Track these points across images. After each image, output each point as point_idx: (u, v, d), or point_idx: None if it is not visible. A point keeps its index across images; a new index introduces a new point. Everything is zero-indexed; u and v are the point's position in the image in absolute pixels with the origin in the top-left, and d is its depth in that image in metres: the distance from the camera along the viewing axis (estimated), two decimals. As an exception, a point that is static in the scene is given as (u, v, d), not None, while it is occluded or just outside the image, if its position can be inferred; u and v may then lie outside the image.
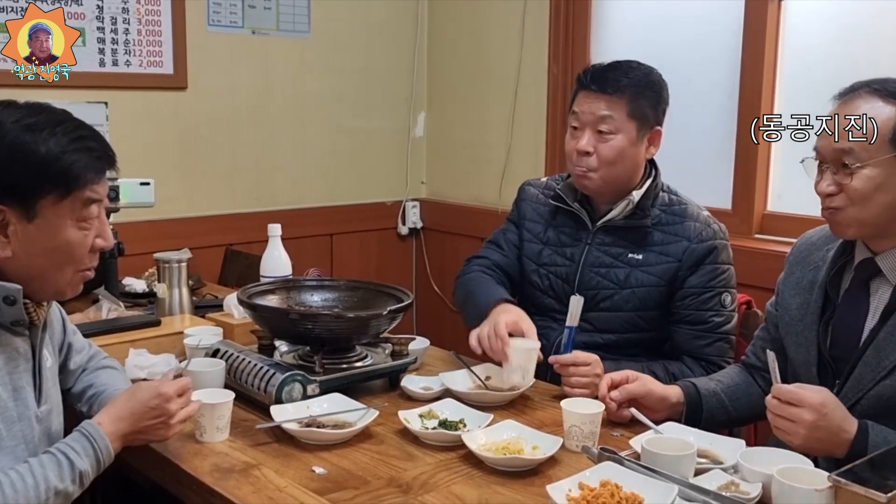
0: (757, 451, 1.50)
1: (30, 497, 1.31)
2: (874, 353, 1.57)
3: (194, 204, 3.31)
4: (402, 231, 3.93)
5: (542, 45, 3.42)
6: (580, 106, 2.07)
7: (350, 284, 2.11)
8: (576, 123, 2.08)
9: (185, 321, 2.29)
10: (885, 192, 1.54)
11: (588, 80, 2.06)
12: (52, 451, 1.38)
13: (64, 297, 1.47)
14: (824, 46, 2.70)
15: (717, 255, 2.05)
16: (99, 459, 1.40)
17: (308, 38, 3.53)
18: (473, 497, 1.43)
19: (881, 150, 1.53)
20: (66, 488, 1.36)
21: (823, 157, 1.60)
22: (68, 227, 1.39)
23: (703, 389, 1.81)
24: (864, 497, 1.24)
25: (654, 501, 1.30)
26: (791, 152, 2.80)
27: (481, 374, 1.95)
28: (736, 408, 1.82)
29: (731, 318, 2.07)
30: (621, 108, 2.03)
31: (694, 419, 1.77)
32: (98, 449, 1.40)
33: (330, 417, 1.69)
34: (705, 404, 1.80)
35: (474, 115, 3.74)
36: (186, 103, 3.23)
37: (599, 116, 2.03)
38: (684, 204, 2.11)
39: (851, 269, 1.67)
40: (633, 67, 2.07)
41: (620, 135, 2.04)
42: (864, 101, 1.57)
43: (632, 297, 2.07)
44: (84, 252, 1.43)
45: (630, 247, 2.08)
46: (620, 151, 2.04)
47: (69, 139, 1.37)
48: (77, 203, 1.39)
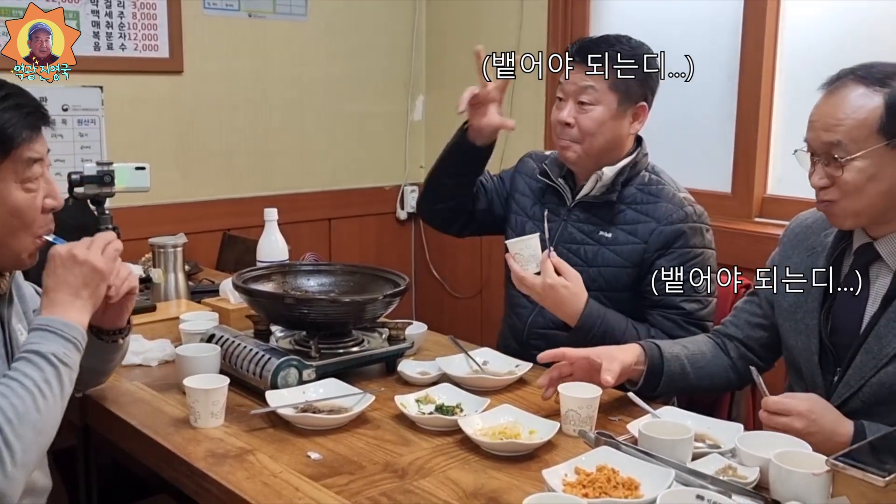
0: (755, 435, 1.49)
1: (22, 395, 1.29)
2: (875, 340, 1.55)
3: (191, 189, 3.29)
4: (400, 216, 3.92)
5: (541, 27, 3.39)
6: (564, 79, 2.07)
7: (346, 269, 2.10)
8: (561, 94, 2.08)
9: (180, 306, 2.28)
10: (877, 182, 1.52)
11: (574, 51, 2.06)
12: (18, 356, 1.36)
13: (23, 265, 1.46)
14: (823, 26, 2.68)
15: (688, 238, 1.99)
16: (61, 335, 1.36)
17: (305, 21, 3.50)
18: (469, 482, 1.42)
19: (870, 141, 1.50)
20: (51, 373, 1.33)
21: (814, 149, 1.57)
22: (13, 191, 1.37)
23: (666, 353, 1.77)
24: (862, 480, 1.23)
25: (651, 486, 1.29)
26: (791, 136, 2.79)
27: (479, 359, 1.94)
28: (698, 376, 1.79)
29: (706, 303, 2.01)
30: (602, 79, 2.02)
31: (653, 382, 1.74)
32: (54, 328, 1.36)
33: (325, 402, 1.68)
34: (666, 368, 1.75)
35: (473, 98, 3.71)
36: (182, 87, 3.21)
37: (581, 87, 2.03)
38: (662, 184, 2.07)
39: (850, 254, 1.65)
40: (622, 41, 2.05)
41: (600, 106, 2.03)
42: (850, 90, 1.53)
43: (598, 277, 2.04)
44: (35, 214, 1.41)
45: (602, 224, 2.07)
46: (600, 122, 2.03)
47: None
48: (18, 164, 1.37)
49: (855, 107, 1.52)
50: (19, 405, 1.29)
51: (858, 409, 1.56)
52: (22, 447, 1.28)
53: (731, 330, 1.86)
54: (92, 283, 1.43)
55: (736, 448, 1.44)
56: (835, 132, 1.52)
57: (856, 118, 1.51)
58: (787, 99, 2.79)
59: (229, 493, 1.38)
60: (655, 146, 2.91)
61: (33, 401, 1.30)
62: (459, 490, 1.39)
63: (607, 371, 1.65)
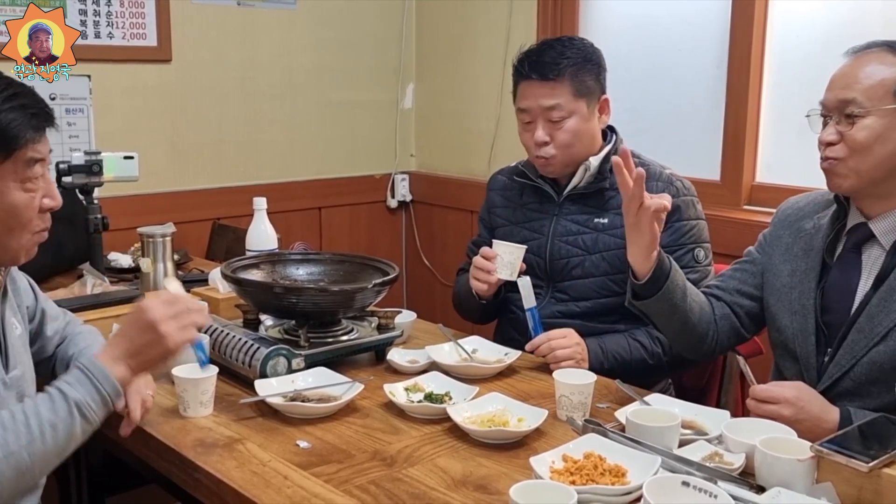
0: (741, 421, 1.49)
1: (20, 433, 1.27)
2: (867, 319, 1.57)
3: (180, 178, 3.28)
4: (391, 204, 3.91)
5: (531, 15, 3.38)
6: (525, 100, 2.07)
7: (336, 258, 2.10)
8: (527, 119, 2.08)
9: (170, 296, 2.27)
10: (884, 144, 1.54)
11: (527, 70, 2.04)
12: (46, 389, 1.34)
13: (18, 261, 1.45)
14: (812, 14, 2.68)
15: (683, 211, 2.04)
16: (96, 386, 1.34)
17: (294, 9, 3.48)
18: (458, 470, 1.42)
19: (884, 101, 1.54)
20: (64, 421, 1.30)
21: (828, 108, 1.60)
22: (13, 190, 1.37)
23: (675, 266, 1.77)
24: (847, 466, 1.24)
25: (638, 473, 1.30)
26: (780, 124, 2.79)
27: (468, 347, 1.94)
28: (690, 304, 1.78)
29: (707, 272, 2.06)
30: (566, 90, 2.03)
31: (656, 282, 1.72)
32: (92, 376, 1.34)
33: (315, 391, 1.68)
34: (672, 275, 1.74)
35: (463, 86, 3.71)
36: (171, 76, 3.19)
37: (547, 107, 2.03)
38: (646, 165, 2.08)
39: (844, 234, 1.67)
40: (567, 45, 2.06)
41: (572, 117, 2.04)
42: (875, 55, 1.57)
43: (601, 262, 2.07)
44: (33, 214, 1.41)
45: (594, 211, 2.09)
46: (576, 133, 2.05)
47: (1, 98, 1.33)
48: (19, 164, 1.36)
49: (876, 69, 1.56)
50: (12, 442, 1.26)
51: (849, 389, 1.58)
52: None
53: (717, 293, 1.86)
54: (155, 355, 1.41)
55: (722, 435, 1.45)
56: (852, 90, 1.56)
57: (875, 78, 1.55)
58: (776, 87, 2.79)
59: (219, 483, 1.39)
60: (645, 134, 2.94)
61: (29, 443, 1.27)
62: (448, 478, 1.40)
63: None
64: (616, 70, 3.17)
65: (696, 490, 1.19)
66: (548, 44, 2.08)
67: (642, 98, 3.11)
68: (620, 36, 3.18)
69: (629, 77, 3.12)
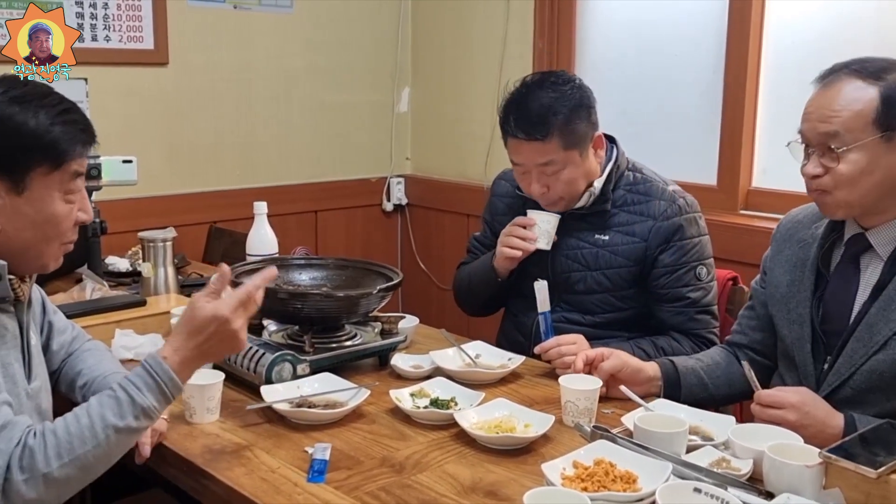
0: (748, 427, 1.51)
1: (85, 437, 1.29)
2: (866, 328, 1.58)
3: (176, 181, 3.27)
4: (386, 207, 3.92)
5: (528, 19, 3.39)
6: (517, 156, 2.04)
7: (338, 263, 2.10)
8: (521, 170, 2.06)
9: (171, 301, 2.27)
10: (871, 174, 1.54)
11: (513, 129, 1.98)
12: (113, 388, 1.35)
13: (47, 269, 1.46)
14: (808, 19, 2.70)
15: (685, 230, 2.04)
16: (164, 391, 1.35)
17: (290, 13, 3.48)
18: (467, 476, 1.43)
19: (865, 132, 1.53)
20: (129, 424, 1.32)
21: (809, 140, 1.60)
22: (56, 201, 1.39)
23: (680, 366, 1.82)
24: (855, 473, 1.25)
25: (649, 479, 1.31)
26: (776, 129, 2.81)
27: (471, 352, 1.95)
28: (716, 385, 1.83)
29: (709, 289, 2.08)
30: (555, 146, 1.97)
31: (673, 395, 1.77)
32: (161, 381, 1.35)
33: (321, 397, 1.68)
34: (683, 380, 1.80)
35: (459, 89, 3.72)
36: (168, 79, 3.19)
37: (540, 164, 2.00)
38: (649, 182, 2.09)
39: (842, 244, 1.68)
40: (554, 94, 1.97)
41: (566, 168, 2.01)
42: (845, 83, 1.56)
43: (602, 279, 2.08)
44: (69, 225, 1.43)
45: (596, 229, 2.09)
46: (572, 180, 2.03)
47: (56, 112, 1.37)
48: (65, 176, 1.39)
49: (851, 98, 1.54)
50: (77, 447, 1.29)
51: (849, 397, 1.59)
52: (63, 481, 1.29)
53: (737, 338, 1.89)
54: (219, 354, 1.43)
55: (729, 440, 1.46)
56: (832, 123, 1.55)
57: (852, 109, 1.54)
58: (773, 92, 2.81)
59: (229, 490, 1.39)
60: (642, 139, 2.95)
61: (95, 447, 1.30)
62: (458, 484, 1.40)
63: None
64: (613, 74, 3.22)
65: (707, 496, 1.21)
66: (534, 94, 1.98)
67: (639, 102, 3.12)
68: (617, 40, 3.20)
69: (626, 81, 3.14)
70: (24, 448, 1.27)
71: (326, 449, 1.49)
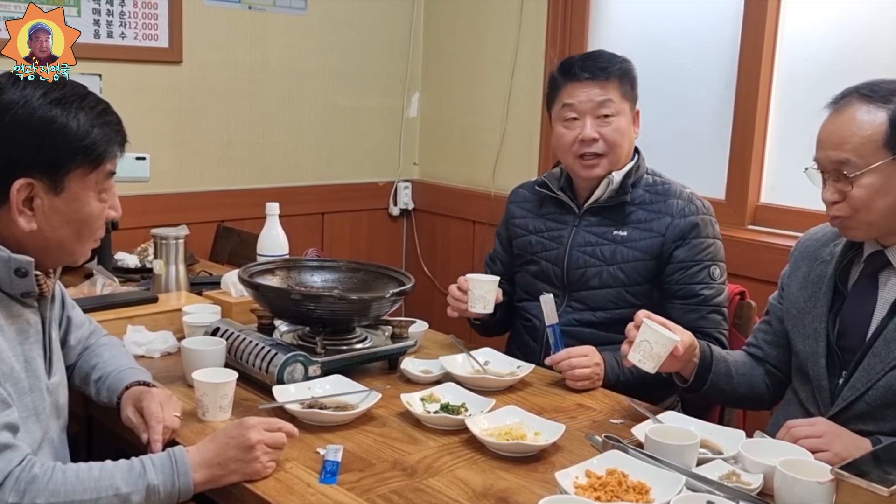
0: (758, 442, 1.52)
1: (88, 488, 1.29)
2: (884, 344, 1.60)
3: (187, 179, 3.28)
4: (393, 212, 3.93)
5: (540, 29, 3.41)
6: (574, 96, 2.10)
7: (351, 266, 2.11)
8: (572, 114, 2.11)
9: (182, 298, 2.28)
10: (886, 196, 1.57)
11: (578, 70, 2.10)
12: (132, 458, 1.36)
13: (77, 263, 1.50)
14: (821, 36, 2.71)
15: (701, 229, 2.08)
16: (174, 481, 1.35)
17: (304, 15, 3.49)
18: (478, 482, 1.43)
19: (877, 156, 1.56)
20: (130, 495, 1.31)
21: (824, 167, 1.63)
22: (91, 200, 1.41)
23: (715, 352, 1.81)
24: (867, 490, 1.26)
25: (661, 491, 1.32)
26: (786, 146, 2.83)
27: (480, 359, 1.96)
28: (739, 382, 1.83)
29: (721, 290, 2.10)
30: (615, 90, 2.10)
31: (702, 377, 1.76)
32: (176, 469, 1.35)
33: (332, 399, 1.69)
34: (715, 366, 1.79)
35: (469, 96, 3.73)
36: (181, 77, 3.20)
37: (598, 102, 2.09)
38: (667, 184, 2.15)
39: (860, 262, 1.70)
40: (611, 54, 2.15)
41: (620, 116, 2.10)
42: (855, 108, 1.59)
43: (618, 273, 2.10)
44: (101, 223, 1.45)
45: (615, 224, 2.12)
46: (623, 132, 2.11)
47: (95, 113, 1.39)
48: (101, 176, 1.41)
49: (861, 124, 1.57)
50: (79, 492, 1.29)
51: (864, 412, 1.61)
52: None
53: (752, 351, 1.90)
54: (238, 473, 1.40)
55: (739, 454, 1.47)
56: (842, 150, 1.58)
57: (862, 135, 1.56)
58: (783, 109, 2.82)
59: (242, 489, 1.39)
60: (652, 153, 2.94)
61: (94, 500, 1.29)
62: (469, 490, 1.41)
63: None
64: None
65: (720, 510, 1.21)
66: (590, 53, 2.19)
67: (650, 116, 3.09)
68: (630, 54, 3.12)
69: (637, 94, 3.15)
70: (27, 473, 1.27)
71: (339, 450, 1.50)
